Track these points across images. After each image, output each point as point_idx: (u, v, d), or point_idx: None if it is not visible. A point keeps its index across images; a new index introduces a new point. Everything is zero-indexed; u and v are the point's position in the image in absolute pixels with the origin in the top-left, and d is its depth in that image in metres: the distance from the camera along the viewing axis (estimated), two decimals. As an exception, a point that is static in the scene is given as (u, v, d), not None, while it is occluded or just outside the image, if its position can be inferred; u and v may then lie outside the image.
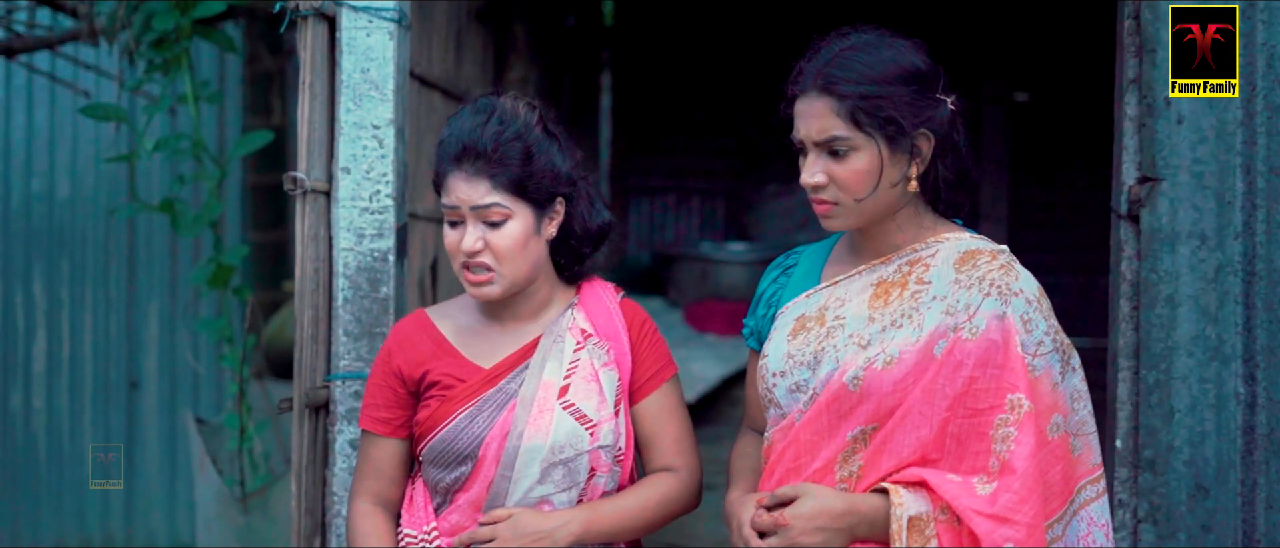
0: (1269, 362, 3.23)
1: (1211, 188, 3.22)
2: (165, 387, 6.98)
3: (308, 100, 3.27)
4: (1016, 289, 2.61)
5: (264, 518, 4.32)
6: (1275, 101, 3.20)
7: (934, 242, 2.70)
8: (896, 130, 2.60)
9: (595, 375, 2.84)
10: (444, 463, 2.80)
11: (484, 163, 2.74)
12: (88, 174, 7.02)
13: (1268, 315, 3.22)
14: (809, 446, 2.64)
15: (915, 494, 2.54)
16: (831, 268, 2.81)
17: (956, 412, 2.55)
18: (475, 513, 2.79)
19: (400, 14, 3.29)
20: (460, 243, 2.77)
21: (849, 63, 2.60)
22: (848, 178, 2.60)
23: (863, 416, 2.60)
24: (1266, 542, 3.24)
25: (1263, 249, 3.23)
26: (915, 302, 2.64)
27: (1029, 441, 2.52)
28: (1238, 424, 3.24)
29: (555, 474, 2.79)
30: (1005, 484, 2.51)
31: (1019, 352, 2.55)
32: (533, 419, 2.77)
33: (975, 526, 2.49)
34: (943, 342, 2.57)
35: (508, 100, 2.84)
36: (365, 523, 2.86)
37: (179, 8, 4.14)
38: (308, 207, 3.28)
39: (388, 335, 2.97)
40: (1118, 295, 3.32)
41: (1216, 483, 3.23)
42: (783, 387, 2.70)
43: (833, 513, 2.56)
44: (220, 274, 4.37)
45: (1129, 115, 3.29)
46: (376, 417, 2.87)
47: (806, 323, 2.71)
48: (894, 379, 2.57)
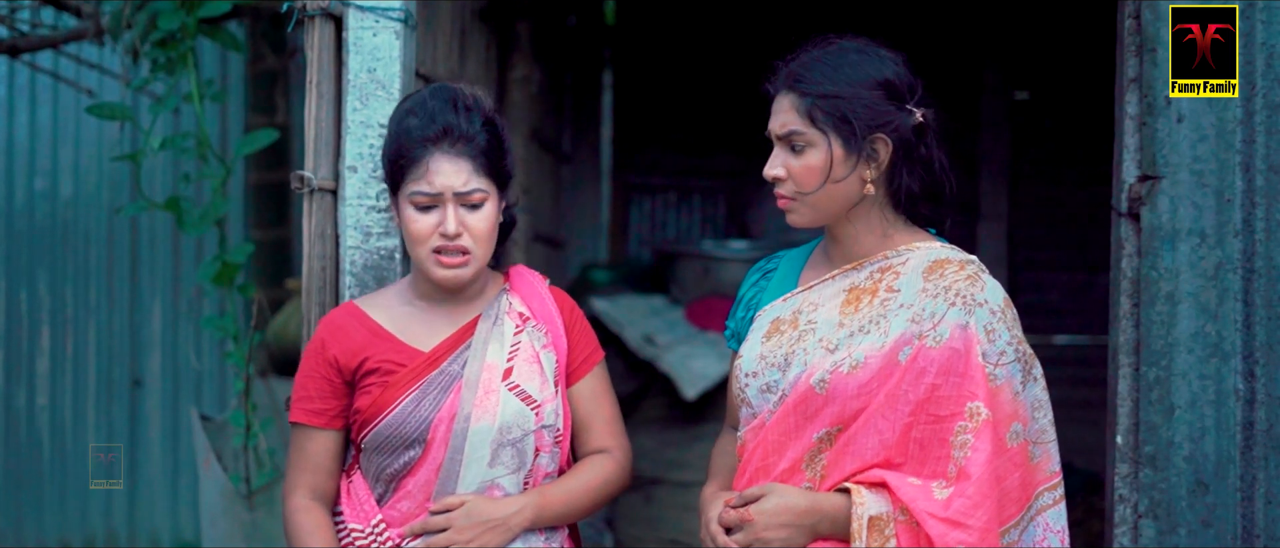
0: (1268, 358, 3.25)
1: (1211, 186, 3.25)
2: (168, 385, 7.02)
3: (315, 99, 3.31)
4: (981, 300, 2.70)
5: (269, 514, 4.35)
6: (1274, 101, 3.23)
7: (905, 250, 2.80)
8: (849, 130, 2.69)
9: (536, 358, 2.91)
10: (390, 449, 2.83)
11: (464, 145, 2.81)
12: (91, 173, 7.05)
13: (1267, 312, 3.25)
14: (777, 445, 2.73)
15: (876, 495, 2.63)
16: (808, 273, 2.90)
17: (919, 417, 2.64)
18: (425, 500, 2.84)
19: (406, 14, 3.32)
20: (439, 226, 2.81)
21: (816, 65, 2.73)
22: (800, 172, 2.72)
23: (828, 417, 2.69)
24: (1266, 537, 3.26)
25: (1262, 247, 3.25)
26: (883, 309, 2.73)
27: (986, 447, 2.61)
28: (1237, 420, 3.26)
29: (504, 456, 2.85)
30: (960, 490, 2.59)
31: (980, 361, 2.64)
32: (479, 401, 2.83)
33: (929, 528, 2.58)
34: (907, 348, 2.66)
35: (467, 86, 2.93)
36: (306, 519, 2.88)
37: (185, 7, 4.16)
38: (315, 205, 3.32)
39: (316, 328, 3.00)
40: (1118, 293, 3.35)
41: (1216, 479, 3.26)
42: (754, 387, 2.79)
43: (796, 511, 2.66)
44: (226, 272, 4.39)
45: (1130, 114, 3.32)
46: (311, 409, 2.90)
47: (781, 326, 2.80)
48: (859, 383, 2.66)
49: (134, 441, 7.01)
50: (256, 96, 6.24)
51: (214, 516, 4.59)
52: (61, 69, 6.40)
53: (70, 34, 5.48)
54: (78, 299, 7.08)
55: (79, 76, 6.33)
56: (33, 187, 6.97)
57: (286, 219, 6.49)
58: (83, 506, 6.97)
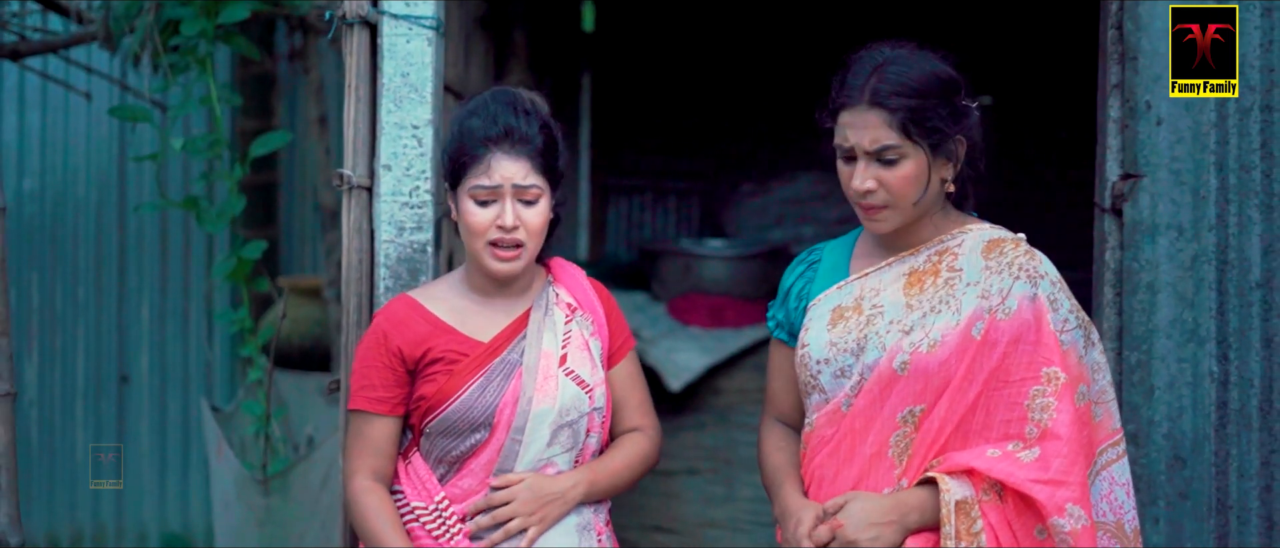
0: (1240, 343, 3.43)
1: (1188, 184, 3.42)
2: (156, 381, 7.03)
3: (353, 102, 3.44)
4: (1042, 272, 2.83)
5: (284, 499, 4.46)
6: (1245, 105, 3.39)
7: (959, 233, 2.91)
8: (940, 137, 2.80)
9: (586, 344, 3.08)
10: (457, 432, 2.98)
11: (524, 145, 2.96)
12: (79, 173, 7.07)
13: (1239, 301, 3.42)
14: (861, 429, 2.84)
15: (959, 481, 2.74)
16: (859, 262, 2.99)
17: (990, 384, 2.76)
18: (485, 477, 2.98)
19: (437, 21, 3.46)
20: (497, 219, 2.96)
21: (897, 78, 2.79)
22: (897, 183, 2.80)
23: (911, 397, 2.80)
24: (1239, 508, 3.43)
25: (1234, 240, 3.42)
26: (950, 289, 2.83)
27: (1069, 408, 2.74)
28: (1212, 400, 3.44)
29: (562, 437, 3.01)
30: (1053, 450, 2.71)
31: (1051, 328, 2.76)
32: (540, 385, 2.98)
33: (1036, 494, 2.69)
34: (980, 323, 2.77)
35: (525, 92, 3.08)
36: (371, 499, 2.99)
37: (205, 14, 4.31)
38: (353, 201, 3.45)
39: (375, 319, 3.12)
40: (1102, 283, 3.51)
41: (1193, 454, 3.44)
42: (828, 373, 2.88)
43: (883, 510, 2.76)
44: (240, 268, 4.55)
45: (1112, 117, 3.48)
46: (374, 397, 3.01)
47: (845, 313, 2.90)
48: (939, 361, 2.77)
49: (122, 436, 7.03)
50: (248, 100, 6.35)
51: (227, 501, 4.71)
52: (50, 71, 6.45)
53: (72, 38, 5.58)
54: (66, 297, 7.10)
55: (68, 77, 6.42)
56: (21, 187, 6.97)
57: (275, 220, 6.58)
58: (71, 501, 6.97)
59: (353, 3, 3.43)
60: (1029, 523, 2.74)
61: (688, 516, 5.95)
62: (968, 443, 2.78)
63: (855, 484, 2.83)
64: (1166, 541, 3.45)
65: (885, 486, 2.82)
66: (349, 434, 3.10)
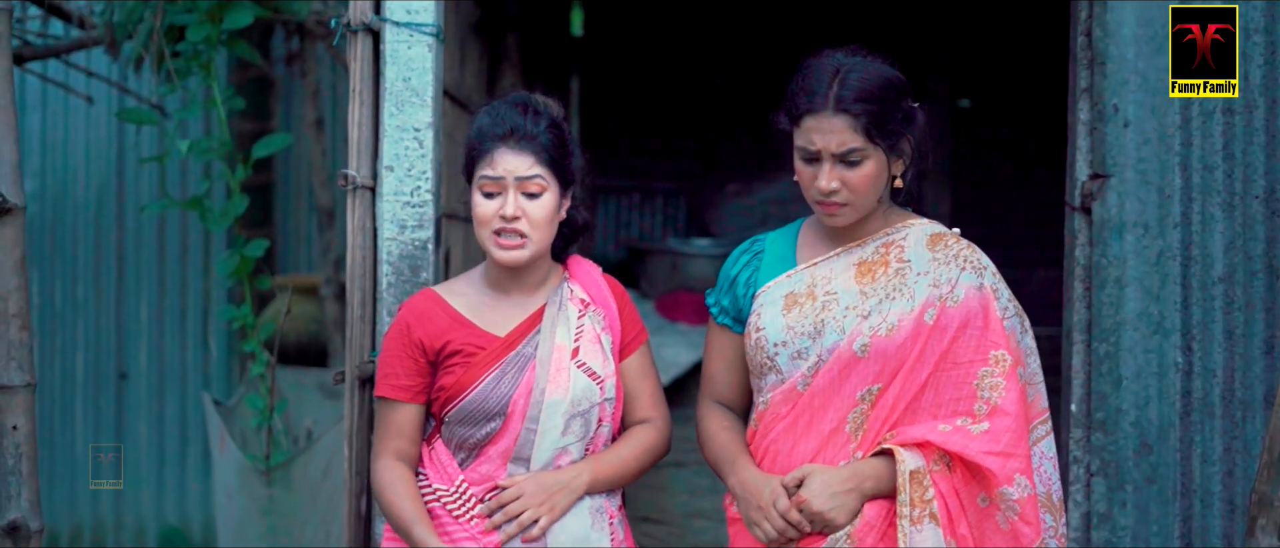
0: (1203, 335, 3.55)
1: (1154, 183, 3.54)
2: (153, 378, 7.15)
3: (357, 106, 3.57)
4: (984, 264, 3.06)
5: (286, 489, 4.59)
6: (1208, 109, 3.51)
7: (902, 227, 3.11)
8: (896, 138, 2.99)
9: (598, 338, 3.21)
10: (474, 421, 3.12)
11: (529, 141, 3.12)
12: (78, 175, 7.19)
13: (1202, 295, 3.54)
14: (821, 406, 3.02)
15: (912, 452, 2.94)
16: (806, 251, 3.17)
17: (940, 365, 2.97)
18: (503, 464, 3.13)
19: (437, 29, 3.58)
20: (500, 209, 3.10)
21: (856, 84, 2.95)
22: (859, 182, 2.98)
23: (870, 377, 2.99)
24: (1202, 492, 3.55)
25: (1198, 237, 3.54)
26: (902, 278, 3.03)
27: (1015, 387, 2.96)
28: (1177, 390, 3.56)
29: (575, 426, 3.15)
30: (1002, 425, 2.92)
31: (997, 315, 2.99)
32: (552, 377, 3.12)
33: (987, 464, 2.90)
34: (932, 310, 2.99)
35: (540, 97, 3.24)
36: (393, 475, 3.15)
37: (210, 20, 4.45)
38: (357, 201, 3.57)
39: (399, 312, 3.25)
40: (1072, 278, 3.62)
41: (1159, 441, 3.56)
42: (785, 354, 3.05)
43: (841, 480, 2.97)
44: (243, 265, 4.69)
45: (1082, 120, 3.59)
46: (397, 385, 3.17)
47: (798, 299, 3.07)
48: (896, 344, 2.97)
49: (121, 432, 7.14)
50: (244, 103, 6.45)
51: (230, 491, 4.84)
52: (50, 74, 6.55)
53: (75, 43, 5.71)
54: (65, 296, 7.20)
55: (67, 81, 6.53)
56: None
57: (271, 220, 6.71)
58: (71, 495, 7.04)
59: (358, 10, 3.56)
60: (974, 491, 2.94)
61: (675, 507, 6.08)
62: (918, 419, 2.99)
63: (813, 457, 3.02)
64: (1134, 523, 3.56)
65: (841, 458, 3.01)
66: (376, 419, 3.26)
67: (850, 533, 2.96)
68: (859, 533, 2.96)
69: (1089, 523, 3.60)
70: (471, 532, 3.13)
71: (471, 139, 3.19)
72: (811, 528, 2.98)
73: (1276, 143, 3.54)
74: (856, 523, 2.96)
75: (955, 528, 2.94)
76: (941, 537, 2.92)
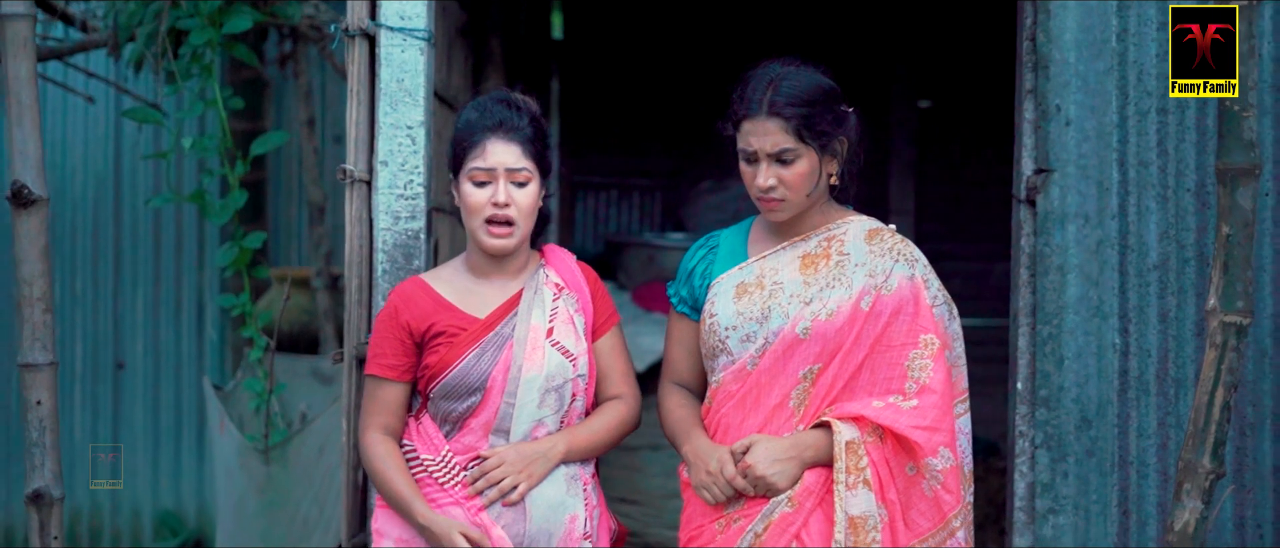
0: (1139, 318, 3.70)
1: (1093, 178, 3.68)
2: (149, 367, 7.28)
3: (354, 105, 3.78)
4: (916, 256, 3.32)
5: (283, 468, 4.79)
6: (1143, 109, 3.67)
7: (842, 222, 3.36)
8: (827, 139, 3.24)
9: (571, 319, 3.43)
10: (457, 396, 3.34)
11: (516, 133, 3.34)
12: (77, 171, 7.31)
13: (1138, 281, 3.69)
14: (766, 384, 3.28)
15: (848, 425, 3.20)
16: (756, 246, 3.41)
17: (875, 348, 3.23)
18: (484, 436, 3.35)
19: (429, 33, 3.79)
20: (492, 197, 3.31)
21: (790, 91, 3.21)
22: (793, 179, 3.23)
23: (811, 357, 3.25)
24: (1138, 463, 3.71)
25: (1134, 227, 3.69)
26: (842, 269, 3.29)
27: (942, 368, 3.22)
28: (1115, 369, 3.70)
29: (550, 400, 3.37)
30: (929, 403, 3.18)
31: (927, 303, 3.24)
32: (528, 355, 3.34)
33: (915, 437, 3.16)
34: (867, 298, 3.24)
35: (518, 94, 3.47)
36: (380, 448, 3.38)
37: (212, 23, 4.67)
38: (355, 194, 3.78)
39: (389, 297, 3.46)
40: (1018, 266, 3.76)
41: (1098, 416, 3.70)
42: (735, 338, 3.31)
43: (784, 448, 3.22)
44: (242, 257, 4.91)
45: (1027, 119, 3.74)
46: (386, 364, 3.39)
47: (748, 289, 3.33)
48: (835, 328, 3.23)
49: (118, 420, 7.29)
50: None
51: (230, 471, 5.03)
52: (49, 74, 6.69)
53: (80, 45, 5.90)
54: (64, 288, 7.31)
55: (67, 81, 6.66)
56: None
57: (264, 215, 6.86)
58: (69, 482, 6.91)
59: (355, 16, 3.77)
60: (902, 461, 3.20)
61: (650, 488, 6.28)
62: (854, 396, 3.24)
63: (760, 429, 3.27)
64: (1075, 492, 3.71)
65: (785, 431, 3.27)
66: (364, 395, 3.47)
67: (791, 497, 3.21)
68: (799, 497, 3.21)
69: (1033, 492, 3.73)
70: (456, 497, 3.34)
71: (459, 132, 3.39)
72: (755, 491, 3.23)
73: (1206, 140, 3.68)
74: (797, 488, 3.21)
75: (885, 494, 3.19)
76: (873, 501, 3.17)
